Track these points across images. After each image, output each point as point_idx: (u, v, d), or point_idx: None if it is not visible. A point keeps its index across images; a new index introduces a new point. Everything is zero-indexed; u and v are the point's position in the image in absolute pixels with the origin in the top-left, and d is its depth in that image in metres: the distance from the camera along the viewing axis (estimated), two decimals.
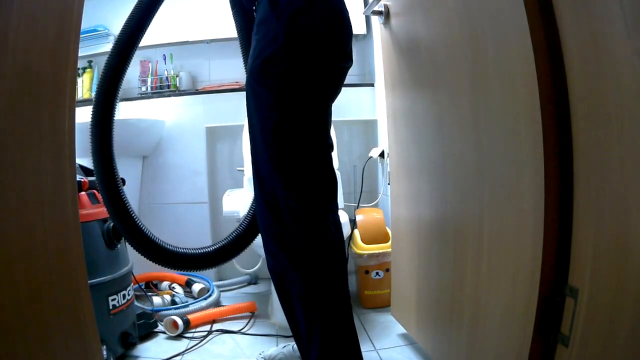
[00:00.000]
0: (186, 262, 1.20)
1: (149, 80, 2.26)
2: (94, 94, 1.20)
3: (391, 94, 1.41)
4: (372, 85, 2.22)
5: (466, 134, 0.94)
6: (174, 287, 1.94)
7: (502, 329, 0.82)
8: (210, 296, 1.82)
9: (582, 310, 0.64)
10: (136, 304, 1.52)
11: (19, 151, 0.54)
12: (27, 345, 0.54)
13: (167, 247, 1.20)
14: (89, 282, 0.71)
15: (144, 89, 2.27)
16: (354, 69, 2.32)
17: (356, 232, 1.78)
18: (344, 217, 1.58)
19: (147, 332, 1.48)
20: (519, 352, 0.74)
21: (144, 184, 2.16)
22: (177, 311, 1.64)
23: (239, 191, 1.91)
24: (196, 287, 1.90)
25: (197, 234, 2.12)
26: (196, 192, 2.16)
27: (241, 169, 1.96)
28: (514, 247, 0.78)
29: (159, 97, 2.20)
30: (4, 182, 0.51)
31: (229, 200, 1.77)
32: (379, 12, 1.37)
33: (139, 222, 1.19)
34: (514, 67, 0.75)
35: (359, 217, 1.83)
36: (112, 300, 1.27)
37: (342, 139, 2.27)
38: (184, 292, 1.92)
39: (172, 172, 2.16)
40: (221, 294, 1.95)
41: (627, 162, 0.56)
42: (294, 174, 0.97)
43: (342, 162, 2.19)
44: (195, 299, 1.84)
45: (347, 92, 2.19)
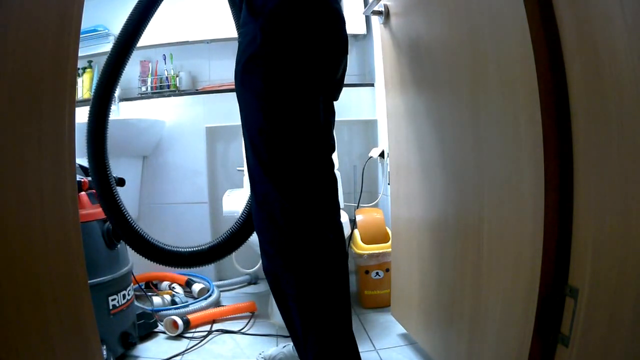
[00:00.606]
0: (177, 260, 1.22)
1: (149, 80, 2.26)
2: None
3: (391, 94, 1.41)
4: (372, 85, 2.22)
5: (466, 134, 0.94)
6: (174, 287, 1.94)
7: (502, 329, 0.82)
8: (210, 296, 1.82)
9: (582, 310, 0.63)
10: (136, 304, 1.52)
11: (19, 151, 0.54)
12: (27, 345, 0.54)
13: (161, 245, 1.21)
14: (89, 282, 0.71)
15: (144, 89, 2.27)
16: (354, 69, 2.32)
17: (356, 232, 1.78)
18: (344, 217, 1.58)
19: (147, 332, 1.48)
20: (519, 352, 0.74)
21: (144, 184, 2.16)
22: (177, 311, 1.64)
23: (239, 191, 1.91)
24: (196, 287, 1.90)
25: (197, 234, 2.11)
26: (196, 192, 2.16)
27: (241, 169, 1.96)
28: (513, 246, 0.78)
29: (159, 97, 2.20)
30: (4, 182, 0.51)
31: (229, 200, 1.77)
32: (379, 12, 1.37)
33: (131, 219, 1.20)
34: (514, 67, 0.75)
35: (359, 217, 1.83)
36: (112, 300, 1.28)
37: (342, 139, 2.27)
38: (184, 292, 1.92)
39: (172, 172, 2.16)
40: (221, 294, 1.95)
41: (627, 162, 0.56)
42: (284, 175, 0.95)
43: (342, 162, 2.19)
44: (195, 299, 1.84)
45: (347, 92, 2.17)
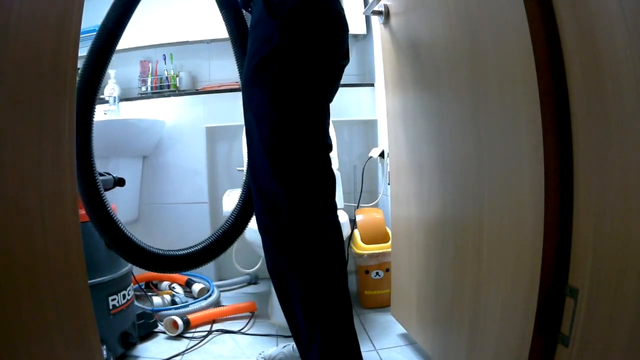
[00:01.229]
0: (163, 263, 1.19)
1: (149, 80, 2.26)
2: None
3: (391, 94, 1.41)
4: (372, 85, 2.22)
5: (466, 134, 0.94)
6: (174, 287, 1.94)
7: (502, 329, 0.82)
8: (210, 296, 1.82)
9: (582, 310, 0.64)
10: (136, 304, 1.52)
11: (19, 151, 0.54)
12: (27, 345, 0.54)
13: (153, 250, 1.18)
14: (89, 282, 0.71)
15: (144, 89, 2.27)
16: (354, 69, 2.32)
17: (356, 232, 1.78)
18: (344, 217, 1.58)
19: (147, 332, 1.48)
20: (518, 352, 0.74)
21: (144, 184, 2.16)
22: (177, 311, 1.64)
23: (238, 191, 1.90)
24: (196, 287, 1.90)
25: (197, 234, 2.11)
26: (196, 192, 2.16)
27: (241, 169, 1.96)
28: (514, 246, 0.78)
29: (159, 97, 2.19)
30: (4, 182, 0.51)
31: (229, 200, 1.77)
32: (379, 12, 1.37)
33: (121, 224, 1.16)
34: (514, 66, 0.75)
35: (359, 217, 1.83)
36: (112, 300, 1.28)
37: (342, 139, 2.27)
38: (184, 292, 1.92)
39: (172, 172, 2.16)
40: (221, 294, 1.95)
41: (627, 162, 0.56)
42: (292, 175, 0.96)
43: (342, 162, 2.19)
44: (195, 299, 1.84)
45: (347, 92, 2.19)
